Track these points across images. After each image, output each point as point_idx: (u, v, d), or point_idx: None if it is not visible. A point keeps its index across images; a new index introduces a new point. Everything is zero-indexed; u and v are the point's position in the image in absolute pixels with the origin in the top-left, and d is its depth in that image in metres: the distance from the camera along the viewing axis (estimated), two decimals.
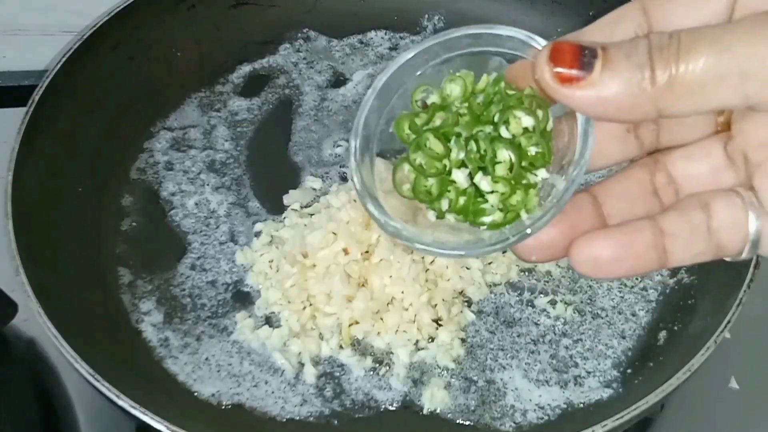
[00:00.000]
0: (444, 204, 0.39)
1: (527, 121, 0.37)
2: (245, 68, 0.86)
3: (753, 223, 0.36)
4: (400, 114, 0.40)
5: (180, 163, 0.79)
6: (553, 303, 0.70)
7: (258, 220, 0.75)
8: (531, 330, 0.69)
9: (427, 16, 0.89)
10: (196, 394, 0.65)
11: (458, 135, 0.38)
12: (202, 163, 0.79)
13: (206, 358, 0.67)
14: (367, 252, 0.69)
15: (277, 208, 0.76)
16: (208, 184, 0.78)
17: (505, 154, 0.37)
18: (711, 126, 0.40)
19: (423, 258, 0.69)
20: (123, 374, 0.61)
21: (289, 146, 0.81)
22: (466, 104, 0.39)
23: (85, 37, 0.76)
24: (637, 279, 0.71)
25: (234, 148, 0.81)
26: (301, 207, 0.75)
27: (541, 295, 0.71)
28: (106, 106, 0.78)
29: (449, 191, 0.39)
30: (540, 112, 0.37)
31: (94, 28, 0.77)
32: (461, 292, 0.70)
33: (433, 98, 0.40)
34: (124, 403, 0.57)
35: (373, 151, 0.40)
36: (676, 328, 0.67)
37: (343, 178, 0.78)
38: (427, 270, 0.69)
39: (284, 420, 0.64)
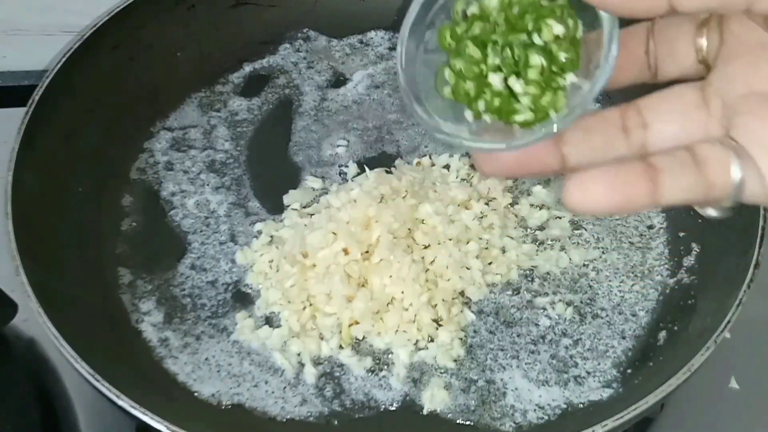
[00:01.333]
0: (481, 105, 0.42)
1: (558, 29, 0.40)
2: (245, 68, 0.86)
3: (736, 163, 0.38)
4: (441, 25, 0.44)
5: (180, 163, 0.79)
6: (553, 303, 0.70)
7: (258, 220, 0.75)
8: (531, 330, 0.69)
9: None
10: (196, 394, 0.65)
11: (495, 42, 0.41)
12: (202, 163, 0.79)
13: (206, 358, 0.67)
14: (367, 252, 0.69)
15: (277, 208, 0.76)
16: (208, 184, 0.78)
17: (537, 60, 0.40)
18: (693, 61, 0.43)
19: (423, 258, 0.69)
20: (123, 374, 0.61)
21: (289, 146, 0.81)
22: (503, 14, 0.42)
23: (85, 37, 0.76)
24: (637, 278, 0.71)
25: (234, 148, 0.81)
26: (301, 207, 0.75)
27: (541, 295, 0.71)
28: (106, 106, 0.78)
29: (485, 93, 0.42)
30: (570, 21, 0.41)
31: (94, 28, 0.77)
32: (461, 292, 0.70)
33: (473, 9, 0.43)
34: (124, 403, 0.57)
35: (420, 57, 0.44)
36: (676, 328, 0.67)
37: (343, 178, 0.78)
38: (427, 270, 0.69)
39: (284, 420, 0.64)
